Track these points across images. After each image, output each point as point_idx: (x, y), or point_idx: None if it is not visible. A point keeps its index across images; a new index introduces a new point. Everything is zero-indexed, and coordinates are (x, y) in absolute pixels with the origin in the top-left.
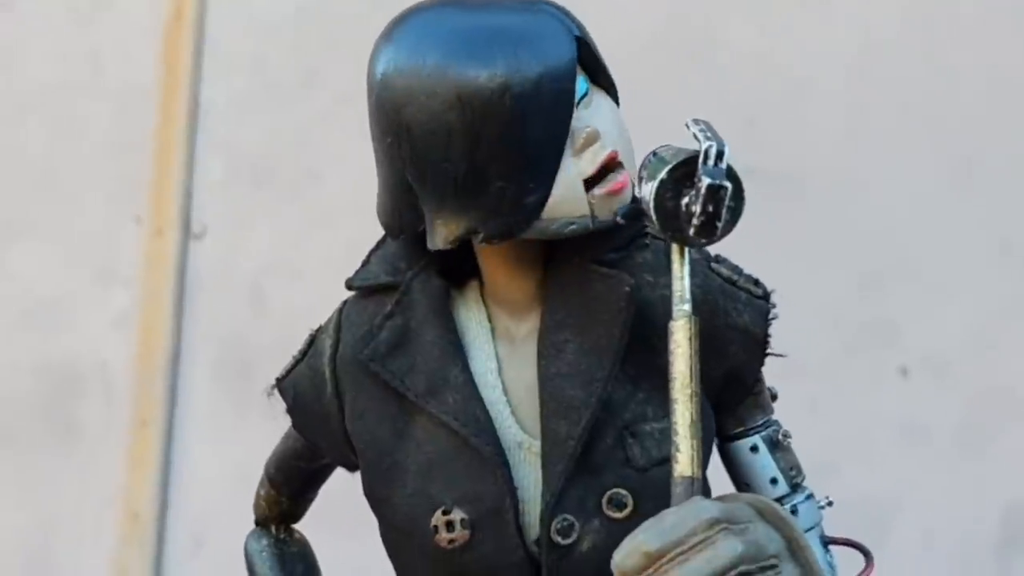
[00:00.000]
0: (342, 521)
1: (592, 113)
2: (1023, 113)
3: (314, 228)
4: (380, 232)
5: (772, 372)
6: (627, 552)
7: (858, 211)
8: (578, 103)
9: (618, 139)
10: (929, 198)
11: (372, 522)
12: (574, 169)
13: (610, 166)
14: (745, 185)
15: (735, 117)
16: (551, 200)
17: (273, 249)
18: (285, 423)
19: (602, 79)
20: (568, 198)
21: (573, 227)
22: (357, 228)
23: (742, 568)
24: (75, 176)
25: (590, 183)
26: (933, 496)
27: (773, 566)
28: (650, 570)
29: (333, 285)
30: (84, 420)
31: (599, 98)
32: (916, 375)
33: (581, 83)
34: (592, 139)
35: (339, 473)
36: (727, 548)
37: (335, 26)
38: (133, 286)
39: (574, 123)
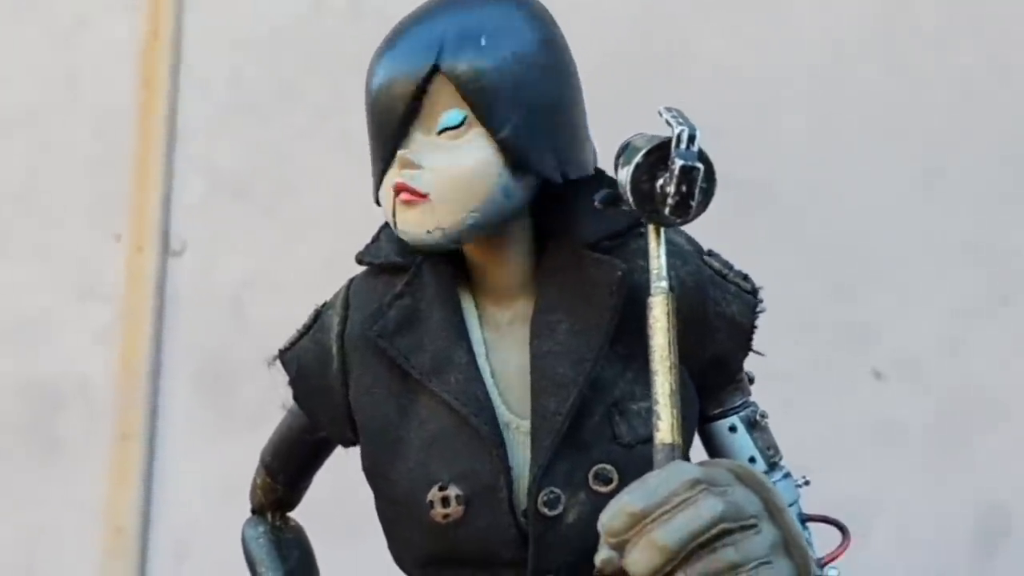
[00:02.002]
0: (332, 528)
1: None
2: (987, 118)
3: (292, 243)
4: (359, 245)
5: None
6: (613, 513)
7: (828, 217)
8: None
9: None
10: (897, 203)
11: (361, 529)
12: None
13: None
14: (716, 193)
15: (704, 127)
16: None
17: (252, 264)
18: (268, 434)
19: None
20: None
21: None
22: (335, 242)
23: (723, 526)
24: (55, 195)
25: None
26: (908, 497)
27: (753, 525)
28: (635, 529)
29: (312, 299)
30: (66, 435)
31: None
32: (889, 378)
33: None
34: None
35: (329, 481)
36: (708, 507)
37: (311, 43)
38: (114, 302)
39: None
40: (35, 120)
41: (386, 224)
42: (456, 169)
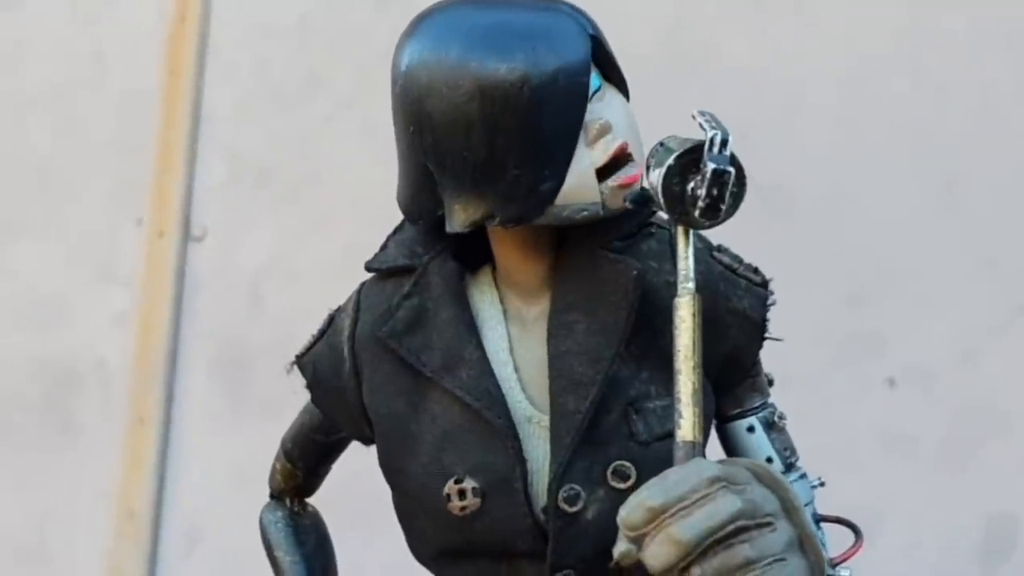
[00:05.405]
0: (342, 517)
1: (604, 107)
2: (1010, 130)
3: (313, 231)
4: (378, 236)
5: None
6: (632, 507)
7: (847, 224)
8: (591, 97)
9: (628, 131)
10: (917, 213)
11: (369, 519)
12: (587, 159)
13: (620, 157)
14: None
15: (729, 131)
16: (564, 187)
17: (272, 252)
18: (283, 422)
19: (614, 75)
20: (580, 186)
21: (585, 213)
22: (355, 232)
23: (740, 523)
24: (77, 176)
25: (602, 172)
26: (917, 507)
27: (769, 523)
28: (653, 524)
29: (331, 287)
30: (82, 417)
31: (611, 93)
32: (902, 387)
33: (594, 78)
34: (604, 131)
35: (338, 471)
36: (726, 504)
37: (338, 32)
38: (133, 286)
39: (588, 116)
40: (59, 100)
41: (394, 232)
42: (630, 119)
